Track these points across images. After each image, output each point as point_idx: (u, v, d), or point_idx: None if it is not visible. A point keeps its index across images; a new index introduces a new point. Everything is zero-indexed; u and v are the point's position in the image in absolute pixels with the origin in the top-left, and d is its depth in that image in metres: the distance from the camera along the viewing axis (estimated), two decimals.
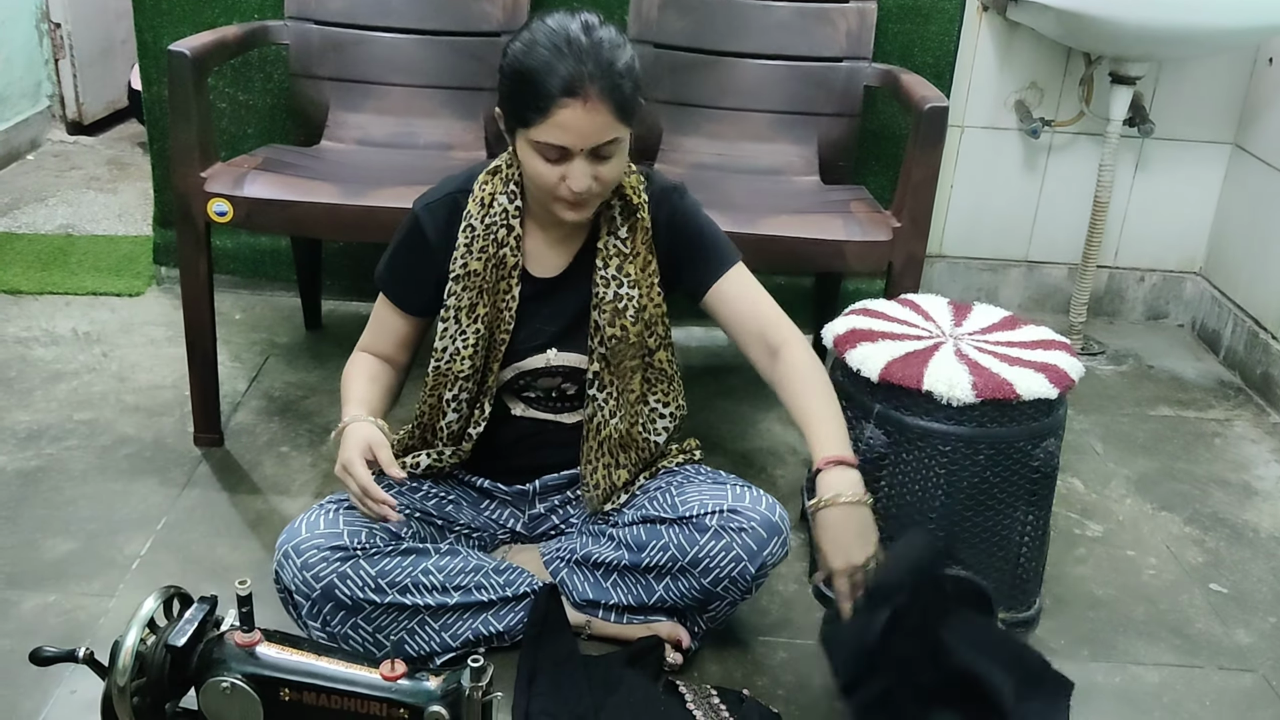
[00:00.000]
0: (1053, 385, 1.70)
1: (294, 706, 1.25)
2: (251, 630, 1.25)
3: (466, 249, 1.60)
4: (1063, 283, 3.02)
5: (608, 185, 1.52)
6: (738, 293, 1.65)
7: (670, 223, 1.64)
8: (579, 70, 1.42)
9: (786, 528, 1.64)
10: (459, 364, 1.65)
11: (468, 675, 1.22)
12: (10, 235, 3.19)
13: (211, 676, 1.24)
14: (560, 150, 1.46)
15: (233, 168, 2.09)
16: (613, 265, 1.61)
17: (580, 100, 1.42)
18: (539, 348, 1.68)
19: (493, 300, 1.63)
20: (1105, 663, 1.79)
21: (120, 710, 1.24)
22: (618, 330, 1.63)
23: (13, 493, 2.04)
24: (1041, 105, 2.84)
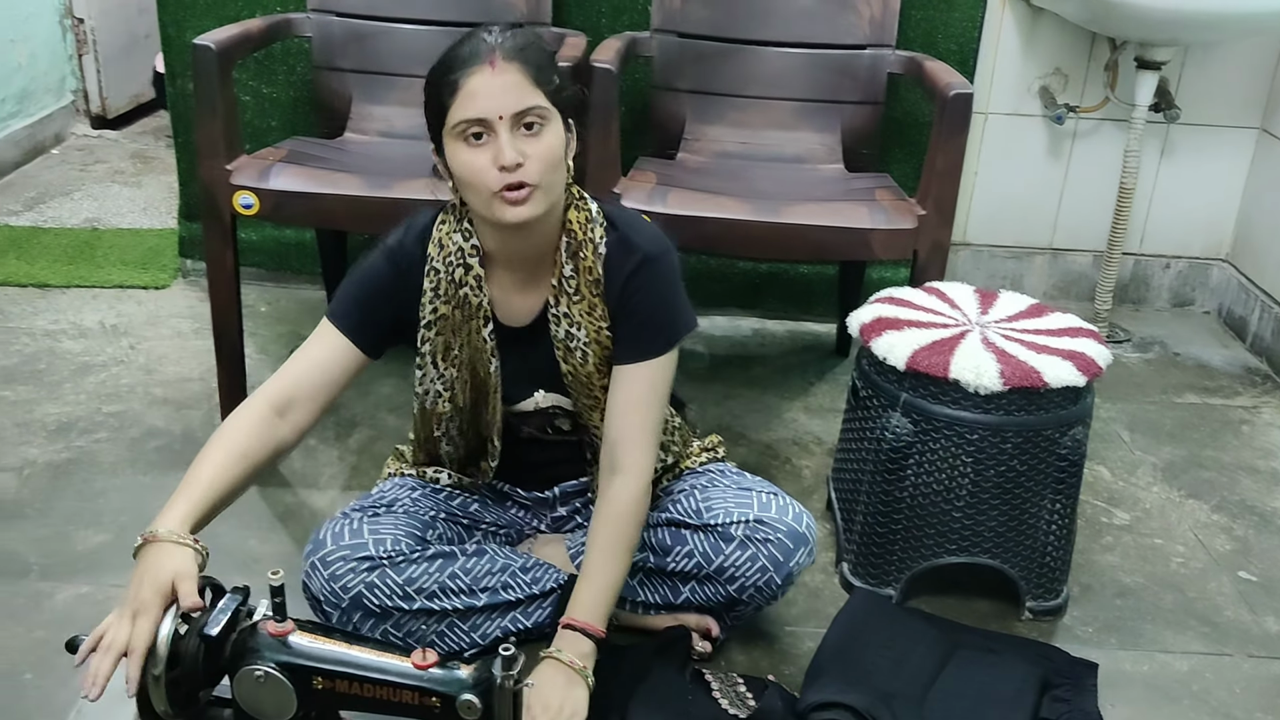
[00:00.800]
0: (1081, 373, 1.70)
1: (327, 694, 1.26)
2: (284, 620, 1.26)
3: (434, 293, 1.55)
4: (1087, 270, 3.01)
5: (544, 166, 1.42)
6: (630, 389, 1.54)
7: (626, 285, 1.53)
8: (483, 41, 1.42)
9: (813, 537, 1.63)
10: (441, 405, 1.63)
11: (499, 664, 1.22)
12: (37, 229, 3.22)
13: (245, 665, 1.25)
14: (480, 124, 1.40)
15: (258, 160, 2.10)
16: (562, 303, 1.56)
17: (487, 64, 1.40)
18: (526, 391, 1.65)
19: (465, 340, 1.59)
20: (1134, 651, 1.79)
21: (156, 699, 1.25)
22: (571, 370, 1.59)
23: (44, 485, 2.06)
24: (1066, 91, 2.82)
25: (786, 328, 2.87)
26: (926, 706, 1.59)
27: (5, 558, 1.86)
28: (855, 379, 1.87)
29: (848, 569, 1.89)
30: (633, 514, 1.54)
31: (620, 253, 1.54)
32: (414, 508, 1.67)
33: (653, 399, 1.55)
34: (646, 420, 1.55)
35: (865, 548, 1.85)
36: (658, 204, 2.02)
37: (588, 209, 1.55)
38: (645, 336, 1.55)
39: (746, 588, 1.61)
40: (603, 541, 1.53)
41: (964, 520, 1.77)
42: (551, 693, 1.43)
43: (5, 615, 1.73)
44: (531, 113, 1.41)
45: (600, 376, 1.59)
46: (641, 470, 1.54)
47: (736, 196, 2.04)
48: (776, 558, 1.60)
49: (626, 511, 1.53)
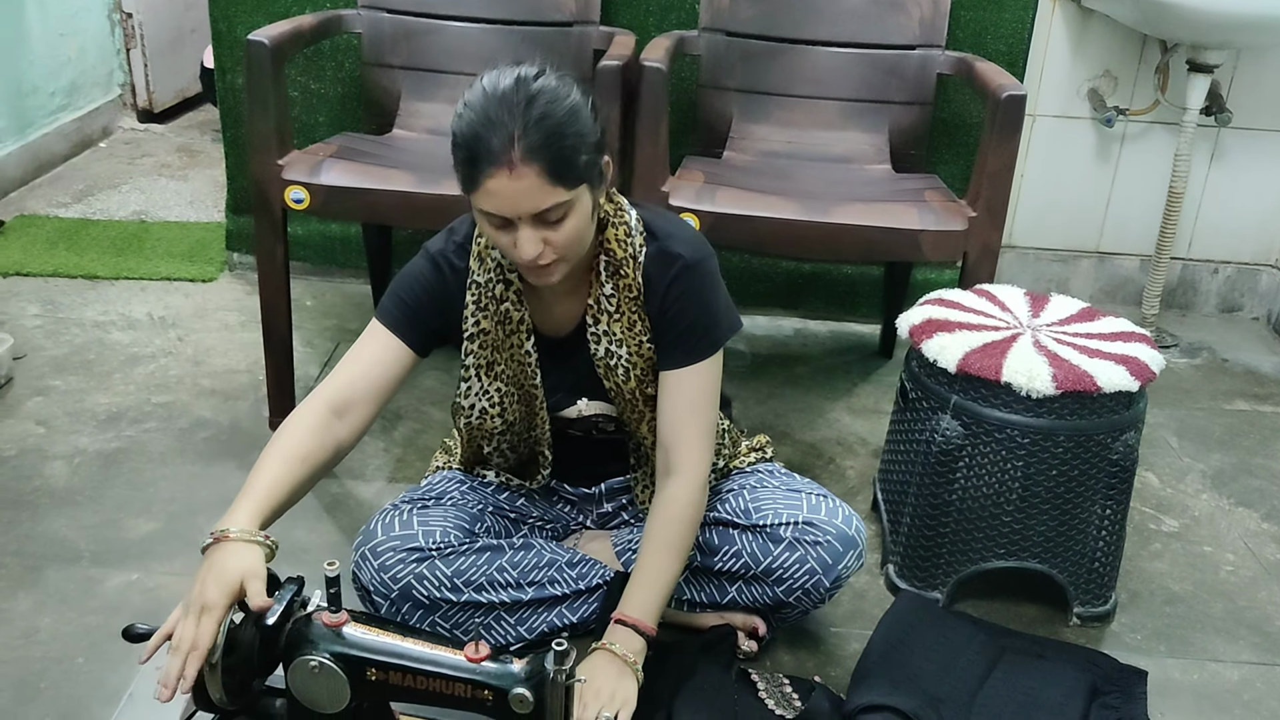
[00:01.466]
0: (1134, 377, 1.68)
1: (380, 686, 1.26)
2: (339, 611, 1.27)
3: (475, 305, 1.55)
4: (1134, 274, 2.98)
5: (567, 249, 1.42)
6: (680, 392, 1.54)
7: (667, 293, 1.52)
8: (502, 135, 1.32)
9: (863, 541, 1.63)
10: (490, 421, 1.63)
11: (551, 659, 1.23)
12: (86, 221, 3.26)
13: (300, 655, 1.26)
14: (500, 219, 1.38)
15: (309, 155, 2.12)
16: (602, 322, 1.55)
17: (504, 168, 1.32)
18: (570, 400, 1.65)
19: (508, 355, 1.59)
20: (1183, 659, 1.77)
21: (211, 686, 1.26)
22: (613, 384, 1.59)
23: (95, 473, 2.09)
24: (1115, 94, 2.79)
25: (829, 328, 2.86)
26: (974, 710, 1.58)
27: (57, 544, 1.88)
28: (904, 380, 1.86)
29: (893, 571, 1.88)
30: (688, 515, 1.54)
31: (660, 261, 1.53)
32: (463, 501, 1.67)
33: (703, 402, 1.55)
34: (699, 423, 1.55)
35: (912, 550, 1.84)
36: (706, 203, 2.01)
37: (625, 222, 1.53)
38: (690, 341, 1.54)
39: (794, 590, 1.61)
40: (658, 541, 1.53)
41: (1013, 524, 1.76)
42: (603, 681, 1.44)
43: (58, 600, 1.75)
44: (551, 210, 1.37)
45: (644, 388, 1.59)
46: (697, 472, 1.54)
47: (785, 196, 2.04)
48: (825, 560, 1.59)
49: (682, 513, 1.53)
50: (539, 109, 1.33)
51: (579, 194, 1.39)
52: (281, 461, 1.39)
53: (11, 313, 2.68)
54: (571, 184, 1.37)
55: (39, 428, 2.22)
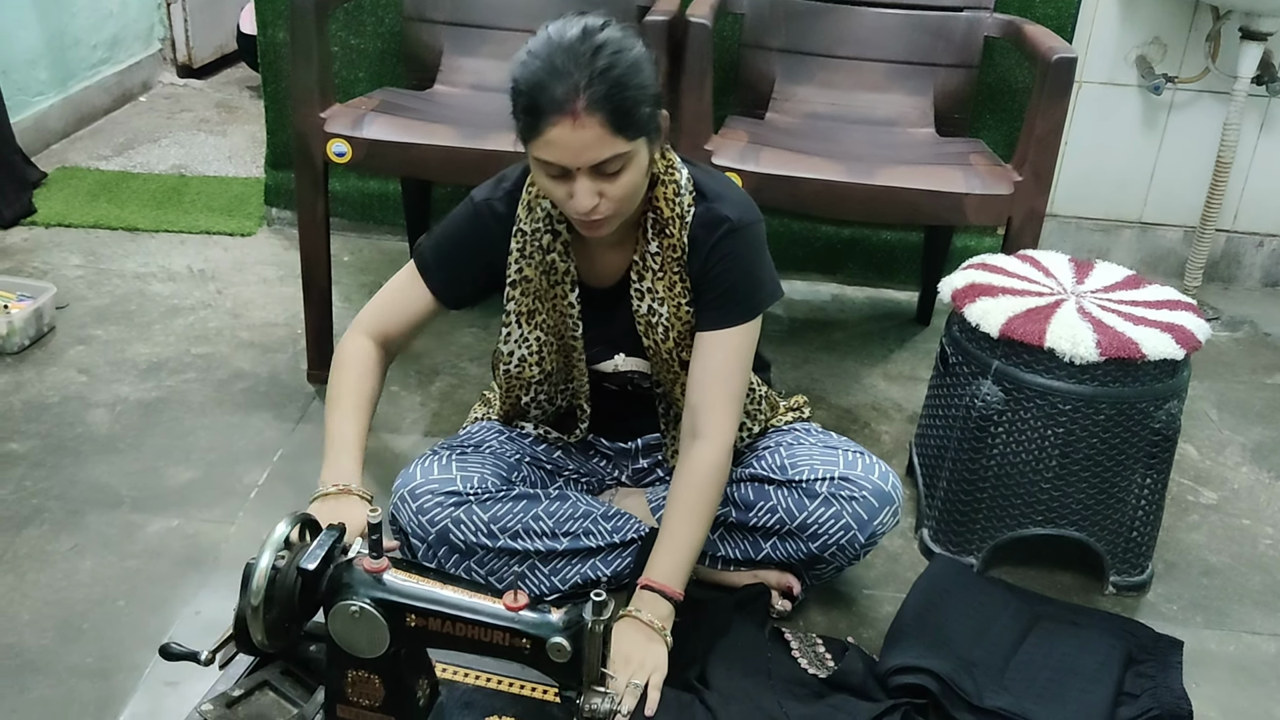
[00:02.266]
0: (1179, 346, 1.66)
1: (419, 632, 1.27)
2: (380, 557, 1.28)
3: (520, 254, 1.56)
4: (1177, 246, 2.94)
5: (621, 202, 1.42)
6: (712, 355, 1.53)
7: (710, 255, 1.51)
8: (568, 84, 1.32)
9: (899, 498, 1.62)
10: (528, 370, 1.64)
11: (589, 609, 1.23)
12: (126, 174, 3.28)
13: (340, 600, 1.27)
14: (558, 168, 1.38)
15: (351, 109, 2.12)
16: (646, 279, 1.55)
17: (569, 116, 1.32)
18: (607, 354, 1.66)
19: (551, 305, 1.59)
20: (1219, 630, 1.76)
21: (253, 629, 1.27)
22: (652, 343, 1.59)
23: (135, 421, 2.11)
24: (1164, 61, 2.75)
25: (866, 294, 2.84)
26: (1007, 676, 1.58)
27: (99, 489, 1.91)
28: (944, 345, 1.85)
29: (928, 535, 1.88)
30: (713, 479, 1.53)
31: (707, 222, 1.52)
32: (501, 450, 1.68)
33: (735, 366, 1.54)
34: (728, 387, 1.54)
35: (947, 515, 1.83)
36: (750, 163, 2.00)
37: (675, 180, 1.52)
38: (728, 304, 1.53)
39: (829, 545, 1.61)
40: (683, 505, 1.52)
41: (1051, 491, 1.75)
42: (632, 649, 1.44)
43: (99, 544, 1.78)
44: (610, 161, 1.37)
45: (680, 350, 1.58)
46: (723, 436, 1.53)
47: (829, 158, 2.02)
48: (861, 516, 1.59)
49: (707, 477, 1.53)
50: (604, 60, 1.33)
51: (637, 147, 1.39)
52: (360, 411, 1.53)
53: (54, 263, 2.71)
54: (632, 136, 1.37)
55: (81, 376, 2.25)
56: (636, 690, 1.40)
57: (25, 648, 1.56)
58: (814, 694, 1.53)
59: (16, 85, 3.26)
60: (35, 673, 1.52)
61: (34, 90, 3.38)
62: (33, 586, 1.68)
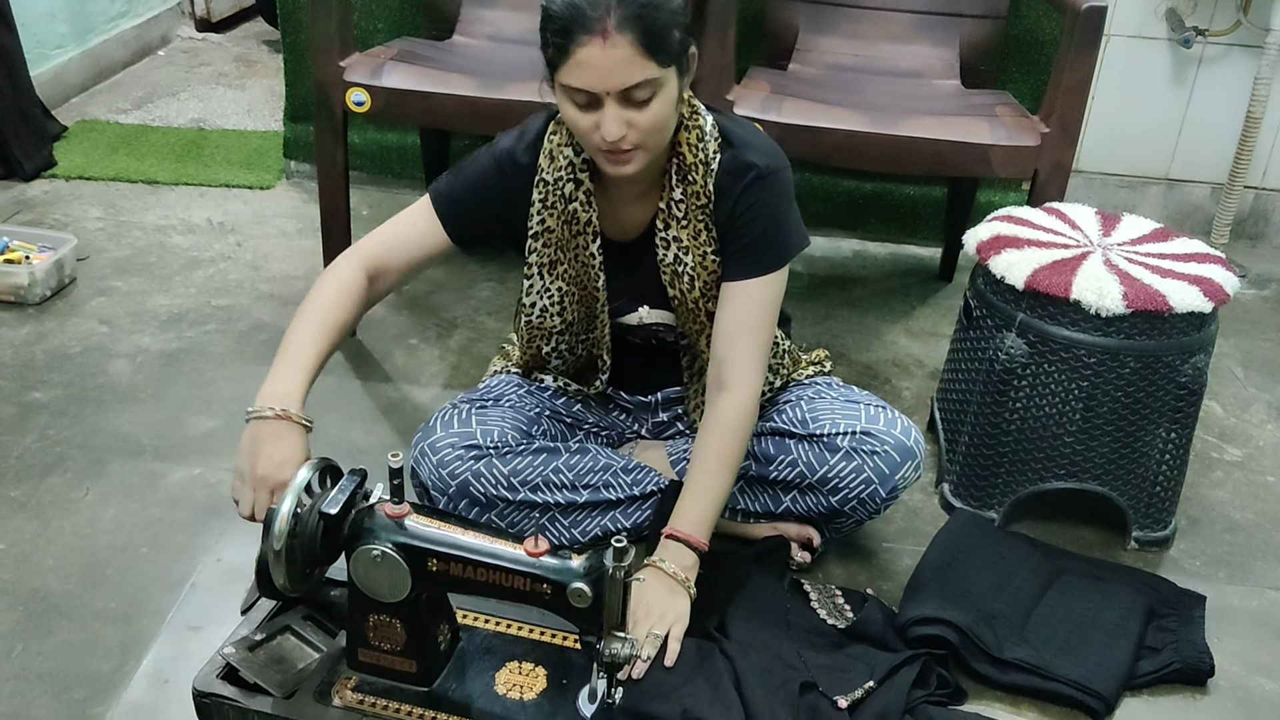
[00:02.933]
0: (1207, 299, 1.64)
1: (440, 576, 1.28)
2: (401, 502, 1.28)
3: (542, 204, 1.54)
4: (1204, 202, 2.90)
5: (649, 134, 1.39)
6: (739, 305, 1.52)
7: (738, 203, 1.50)
8: (599, 3, 1.31)
9: (921, 452, 1.61)
10: (550, 319, 1.62)
11: (610, 555, 1.23)
12: (145, 128, 3.27)
13: (362, 545, 1.27)
14: (587, 95, 1.36)
15: (370, 58, 2.10)
16: (671, 227, 1.53)
17: (599, 36, 1.31)
18: (631, 306, 1.64)
19: (573, 255, 1.57)
20: (1242, 586, 1.75)
21: (275, 572, 1.28)
22: (678, 293, 1.57)
23: (156, 372, 2.12)
24: (1195, 14, 2.70)
25: (889, 250, 2.82)
26: (1028, 628, 1.58)
27: (121, 439, 1.92)
28: (968, 298, 1.83)
29: (949, 490, 1.87)
30: (739, 430, 1.52)
31: (734, 170, 1.50)
32: (520, 403, 1.68)
33: (761, 316, 1.53)
34: (755, 338, 1.53)
35: (969, 469, 1.83)
36: (771, 113, 1.98)
37: (699, 126, 1.50)
38: (755, 253, 1.52)
39: (850, 499, 1.60)
40: (708, 456, 1.52)
41: (1074, 445, 1.74)
42: (654, 599, 1.44)
43: (122, 493, 1.79)
44: (640, 87, 1.35)
45: (706, 301, 1.57)
46: (749, 387, 1.52)
47: (853, 108, 2.00)
48: (882, 470, 1.58)
49: (733, 427, 1.51)
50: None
51: (668, 75, 1.37)
52: (324, 332, 1.43)
53: (74, 215, 2.71)
54: (663, 60, 1.35)
55: (102, 326, 2.25)
56: (656, 640, 1.40)
57: (50, 592, 1.58)
58: (833, 644, 1.53)
59: (36, 39, 3.25)
60: (60, 617, 1.54)
61: (53, 43, 3.37)
62: (57, 533, 1.69)
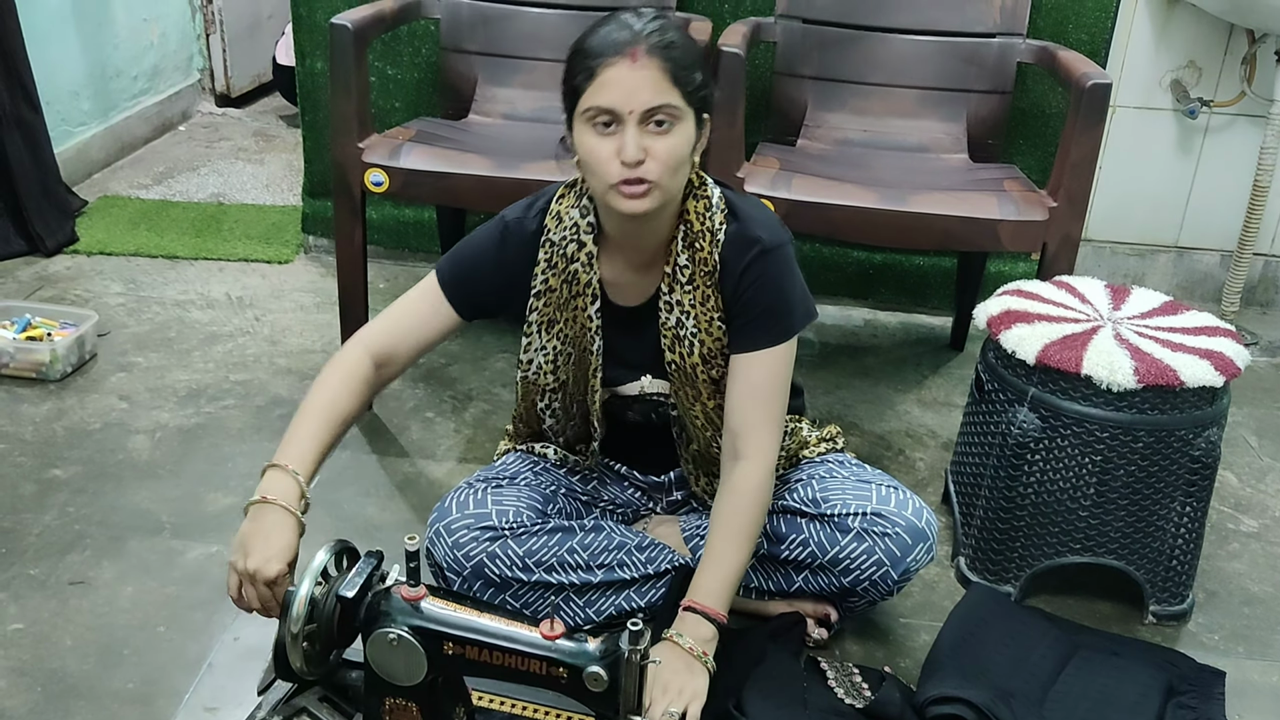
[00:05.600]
0: (1218, 373, 1.65)
1: (456, 660, 1.28)
2: (418, 585, 1.29)
3: (546, 264, 1.57)
4: (1214, 270, 2.92)
5: (664, 168, 1.41)
6: (750, 377, 1.54)
7: (743, 277, 1.52)
8: (628, 33, 1.39)
9: (933, 534, 1.61)
10: (543, 377, 1.64)
11: (626, 638, 1.23)
12: (166, 203, 3.33)
13: (379, 628, 1.28)
14: (610, 114, 1.39)
15: (388, 140, 2.14)
16: (675, 292, 1.55)
17: (627, 58, 1.37)
18: (632, 375, 1.66)
19: (571, 316, 1.59)
20: (1262, 661, 1.74)
21: (293, 655, 1.29)
22: (677, 358, 1.58)
23: (175, 448, 2.14)
24: (1199, 85, 2.74)
25: (899, 319, 2.84)
26: (1046, 706, 1.57)
27: (139, 515, 1.93)
28: (980, 371, 1.85)
29: (965, 564, 1.87)
30: (756, 500, 1.53)
31: (738, 243, 1.52)
32: (535, 481, 1.69)
33: (773, 387, 1.55)
34: (768, 409, 1.54)
35: (984, 543, 1.82)
36: (781, 189, 2.01)
37: (708, 196, 1.53)
38: (763, 326, 1.54)
39: (861, 580, 1.60)
40: (725, 527, 1.52)
41: (1089, 519, 1.74)
42: (671, 676, 1.43)
43: (140, 570, 1.80)
44: (662, 110, 1.39)
45: (706, 368, 1.58)
46: (765, 457, 1.53)
47: (862, 184, 2.02)
48: (894, 552, 1.58)
49: (750, 498, 1.52)
50: (662, 22, 1.42)
51: (687, 113, 1.42)
52: (328, 425, 1.46)
53: (96, 290, 2.75)
54: (684, 92, 1.41)
55: (122, 403, 2.28)
56: (672, 719, 1.40)
57: (68, 673, 1.58)
58: None
59: (60, 116, 3.32)
60: (78, 698, 1.54)
61: (77, 120, 3.45)
62: (75, 612, 1.70)
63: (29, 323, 2.41)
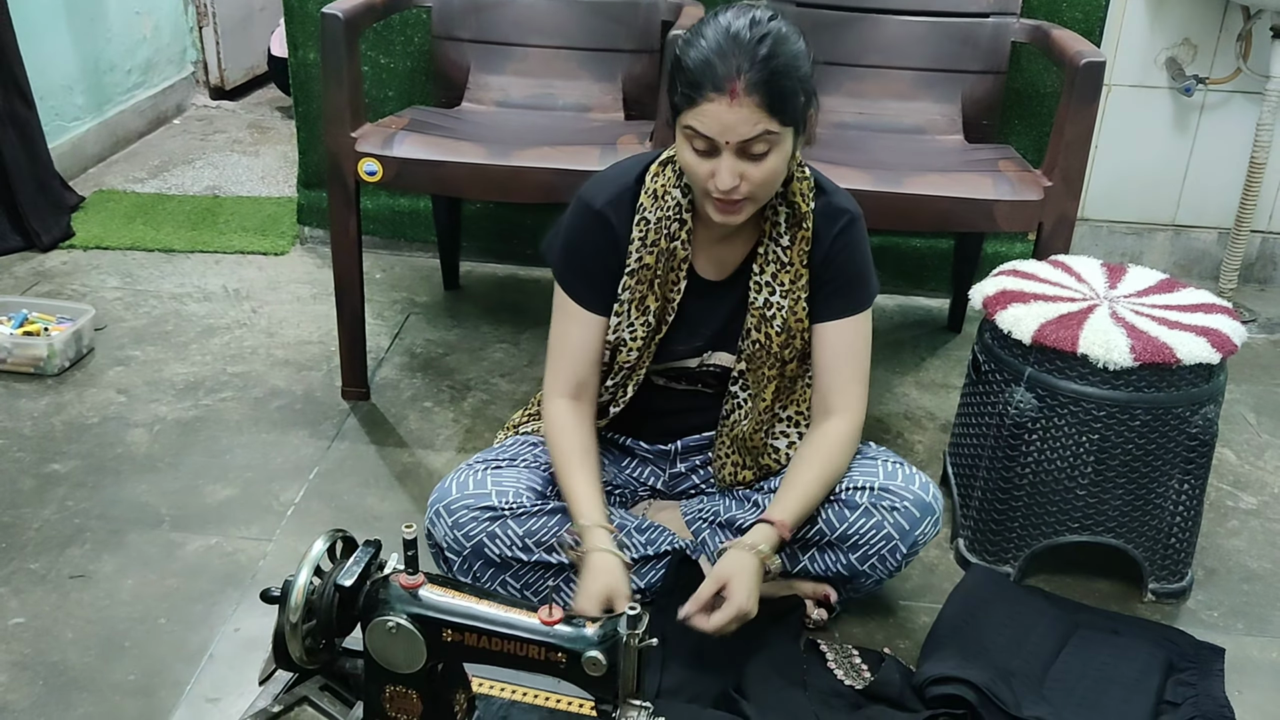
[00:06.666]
0: (1215, 350, 1.65)
1: (455, 647, 1.28)
2: (416, 573, 1.29)
3: (641, 242, 1.59)
4: (1211, 248, 2.91)
5: (759, 188, 1.46)
6: (838, 341, 1.62)
7: (833, 245, 1.59)
8: (731, 64, 1.39)
9: (939, 508, 1.62)
10: (624, 354, 1.65)
11: (625, 622, 1.23)
12: (161, 196, 3.32)
13: (377, 616, 1.28)
14: (707, 141, 1.43)
15: (381, 129, 2.14)
16: (769, 271, 1.59)
17: (726, 95, 1.39)
18: (696, 350, 1.68)
19: (662, 294, 1.62)
20: (1261, 637, 1.74)
21: (292, 645, 1.29)
22: (761, 337, 1.61)
23: (174, 441, 2.14)
24: (1195, 62, 2.73)
25: (897, 302, 2.83)
26: (1046, 685, 1.57)
27: (139, 509, 1.93)
28: (976, 352, 1.85)
29: (964, 545, 1.87)
30: (843, 449, 1.61)
31: (828, 213, 1.59)
32: (535, 463, 1.69)
33: (860, 351, 1.64)
34: (858, 368, 1.63)
35: (983, 524, 1.83)
36: None
37: (808, 177, 1.58)
38: (851, 291, 1.62)
39: (869, 556, 1.61)
40: (809, 462, 1.60)
41: (1087, 498, 1.74)
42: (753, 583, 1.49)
43: (140, 563, 1.80)
44: (760, 140, 1.42)
45: (786, 349, 1.62)
46: (854, 414, 1.62)
47: (857, 167, 2.02)
48: (902, 526, 1.59)
49: (839, 446, 1.60)
50: (767, 48, 1.40)
51: (786, 133, 1.44)
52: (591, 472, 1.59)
53: (92, 285, 2.75)
54: (784, 120, 1.43)
55: (120, 396, 2.28)
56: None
57: (69, 665, 1.59)
58: (850, 705, 1.53)
59: (54, 111, 3.31)
60: (80, 690, 1.54)
61: (71, 115, 3.44)
62: (76, 605, 1.70)
63: (26, 318, 2.41)
